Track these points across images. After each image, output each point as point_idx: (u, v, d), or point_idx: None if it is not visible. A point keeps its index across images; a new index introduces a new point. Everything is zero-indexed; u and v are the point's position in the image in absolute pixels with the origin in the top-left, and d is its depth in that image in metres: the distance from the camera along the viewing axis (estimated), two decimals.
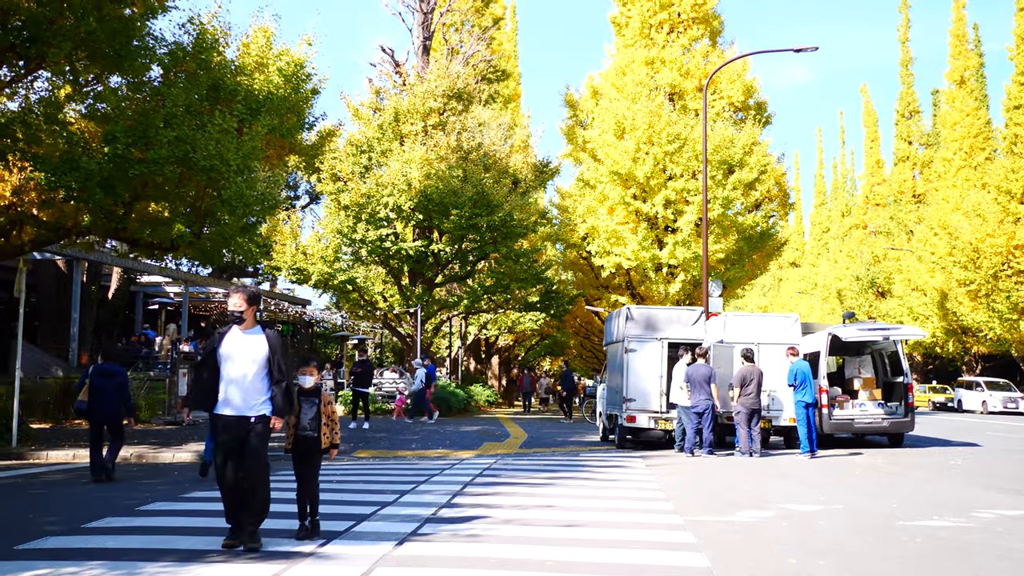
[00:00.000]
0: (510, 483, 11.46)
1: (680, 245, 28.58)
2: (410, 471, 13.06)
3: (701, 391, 16.09)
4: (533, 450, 17.43)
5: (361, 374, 22.75)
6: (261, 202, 14.80)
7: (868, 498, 10.44)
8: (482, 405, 36.14)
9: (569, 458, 15.58)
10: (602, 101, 31.48)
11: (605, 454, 16.57)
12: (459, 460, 15.20)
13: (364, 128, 31.10)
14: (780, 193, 32.67)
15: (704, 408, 16.04)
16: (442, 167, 29.18)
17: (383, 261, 30.73)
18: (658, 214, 28.88)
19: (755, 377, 16.20)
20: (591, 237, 30.77)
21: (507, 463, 14.41)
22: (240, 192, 14.46)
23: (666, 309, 18.67)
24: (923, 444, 19.24)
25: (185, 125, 14.15)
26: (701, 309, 18.45)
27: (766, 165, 29.84)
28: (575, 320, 52.29)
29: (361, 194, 28.51)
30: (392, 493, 10.30)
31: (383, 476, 12.42)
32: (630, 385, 17.50)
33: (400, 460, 15.34)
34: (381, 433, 20.58)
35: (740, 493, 10.77)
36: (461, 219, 28.41)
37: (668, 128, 28.63)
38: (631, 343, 17.65)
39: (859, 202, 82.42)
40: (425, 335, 33.83)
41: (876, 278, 66.40)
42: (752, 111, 31.58)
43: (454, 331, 40.31)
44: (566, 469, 13.42)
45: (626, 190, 29.15)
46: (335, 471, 13.20)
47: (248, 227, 15.71)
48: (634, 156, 28.59)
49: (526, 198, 31.70)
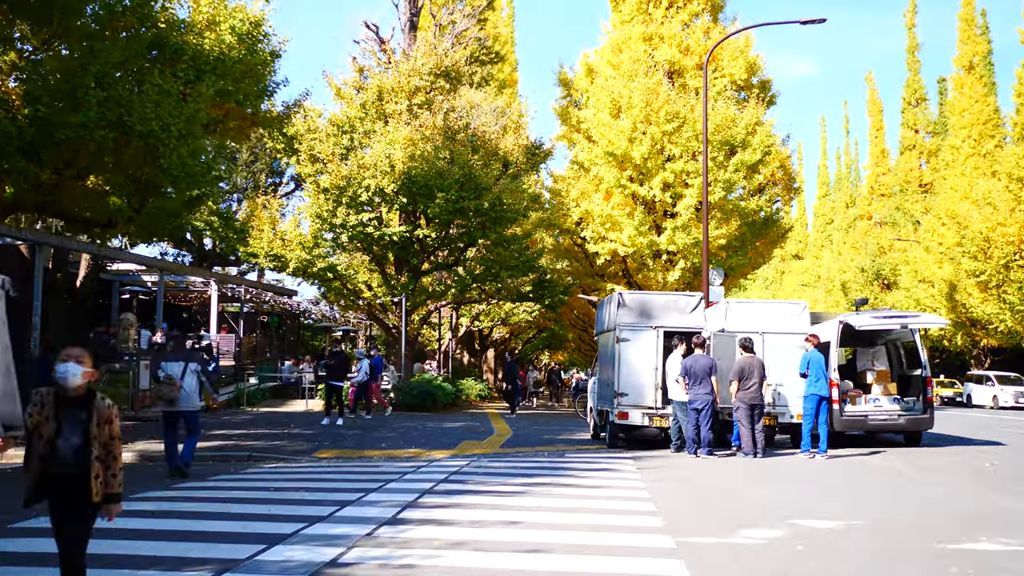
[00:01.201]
0: (476, 491, 9.88)
1: (679, 230, 26.96)
2: (368, 475, 11.49)
3: (701, 385, 14.50)
4: (515, 449, 15.86)
5: (334, 366, 21.16)
6: (207, 172, 13.18)
7: (895, 510, 8.86)
8: (473, 400, 34.57)
9: (552, 459, 14.01)
10: (597, 79, 29.84)
11: (593, 454, 14.99)
12: (429, 461, 13.64)
13: (347, 108, 29.46)
14: (785, 177, 31.02)
15: (704, 404, 14.44)
16: (427, 148, 27.54)
17: (366, 248, 29.12)
18: (656, 197, 27.25)
19: (755, 369, 14.60)
20: (585, 222, 29.13)
21: (481, 465, 12.84)
22: (182, 162, 12.85)
23: (662, 295, 17.07)
24: (941, 442, 17.64)
25: (120, 85, 12.57)
26: (700, 295, 16.85)
27: (770, 146, 28.19)
28: (572, 312, 50.60)
29: (341, 176, 26.89)
30: (331, 505, 8.72)
31: (333, 482, 10.85)
32: (622, 378, 15.90)
33: (364, 461, 13.78)
34: (354, 430, 19.02)
35: (743, 504, 9.19)
36: (447, 203, 26.79)
37: (667, 106, 26.99)
38: (623, 332, 16.05)
39: (863, 193, 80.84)
40: (412, 326, 32.23)
41: (882, 269, 64.85)
42: (756, 90, 29.92)
43: (444, 322, 38.73)
44: (546, 473, 11.83)
45: (622, 172, 27.52)
46: (282, 475, 11.63)
47: (194, 201, 14.13)
48: (630, 136, 26.96)
49: (517, 182, 30.05)
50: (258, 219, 28.84)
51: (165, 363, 12.12)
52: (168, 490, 10.16)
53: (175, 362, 12.25)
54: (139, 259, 31.93)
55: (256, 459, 14.02)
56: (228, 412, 24.40)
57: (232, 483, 10.79)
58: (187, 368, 12.22)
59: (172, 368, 12.18)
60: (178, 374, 12.19)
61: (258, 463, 13.63)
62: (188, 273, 33.89)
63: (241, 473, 12.06)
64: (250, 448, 15.03)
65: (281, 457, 14.15)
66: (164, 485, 10.69)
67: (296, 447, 15.50)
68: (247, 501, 9.00)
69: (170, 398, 12.09)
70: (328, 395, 21.39)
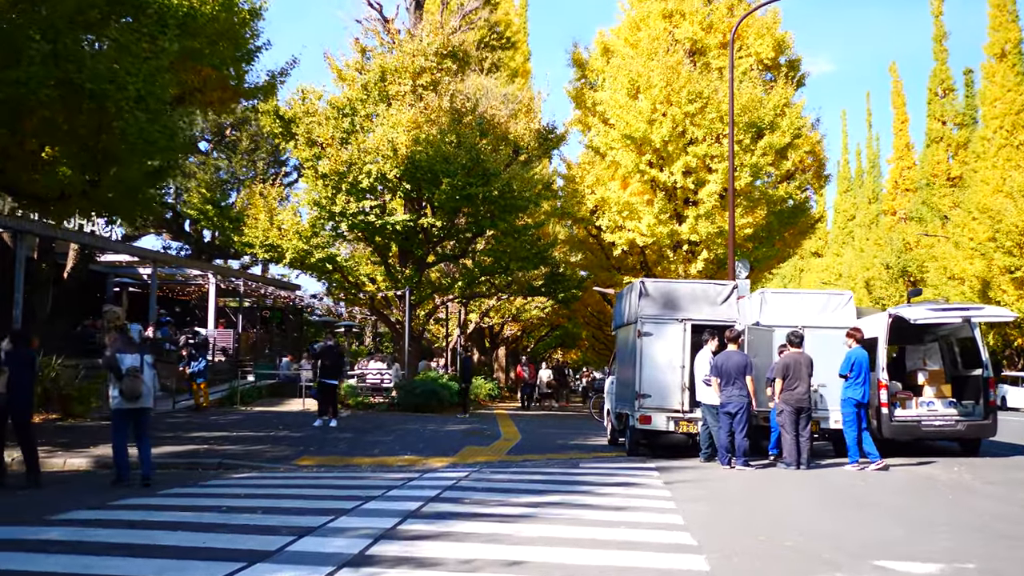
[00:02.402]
0: (473, 514, 8.11)
1: (702, 219, 25.06)
2: (348, 489, 9.74)
3: (733, 386, 12.67)
4: (523, 457, 14.08)
5: (328, 363, 19.43)
6: (170, 139, 11.44)
7: (999, 546, 7.02)
8: (482, 399, 32.87)
9: (565, 471, 12.21)
10: (614, 59, 27.97)
11: (612, 464, 13.19)
12: (424, 471, 11.88)
13: (348, 90, 27.72)
14: (815, 163, 29.10)
15: (738, 407, 12.62)
16: (433, 131, 25.77)
17: (367, 238, 27.38)
18: (677, 183, 25.35)
19: (803, 367, 12.78)
20: (601, 210, 27.25)
21: (483, 478, 11.06)
22: (140, 127, 11.13)
23: (689, 283, 15.23)
24: (999, 451, 15.72)
25: (69, 38, 10.83)
26: (732, 283, 15.01)
27: (800, 128, 26.25)
28: (586, 308, 48.72)
29: (341, 161, 25.16)
30: (286, 534, 6.95)
31: (303, 498, 9.09)
32: (644, 378, 14.10)
33: (349, 471, 12.03)
34: (347, 433, 17.27)
35: (808, 536, 7.36)
36: (454, 189, 25.01)
37: (688, 86, 25.11)
38: (646, 325, 14.24)
39: (887, 188, 78.68)
40: (417, 321, 30.51)
41: (908, 266, 62.78)
42: (784, 69, 28.01)
43: (451, 317, 36.98)
44: (557, 489, 10.04)
45: (640, 157, 25.64)
46: (247, 489, 9.89)
47: (157, 173, 12.41)
48: (650, 117, 25.09)
49: (528, 168, 28.25)
50: (255, 207, 27.14)
51: (121, 355, 10.45)
52: (98, 509, 8.43)
53: (131, 354, 10.60)
54: (131, 250, 30.36)
55: (227, 467, 12.29)
56: (218, 412, 22.74)
57: (181, 499, 9.05)
58: (143, 361, 10.56)
59: (130, 360, 10.53)
60: (137, 367, 10.58)
61: (227, 472, 11.91)
62: (183, 265, 32.30)
63: (200, 485, 10.33)
64: (224, 454, 13.31)
65: (255, 465, 12.42)
66: (103, 499, 8.97)
67: (277, 452, 13.78)
68: (183, 527, 7.27)
69: (137, 393, 10.47)
70: (321, 394, 19.69)
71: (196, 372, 22.92)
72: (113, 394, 10.41)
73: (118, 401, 10.44)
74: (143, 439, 10.64)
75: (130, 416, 10.50)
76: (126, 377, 10.38)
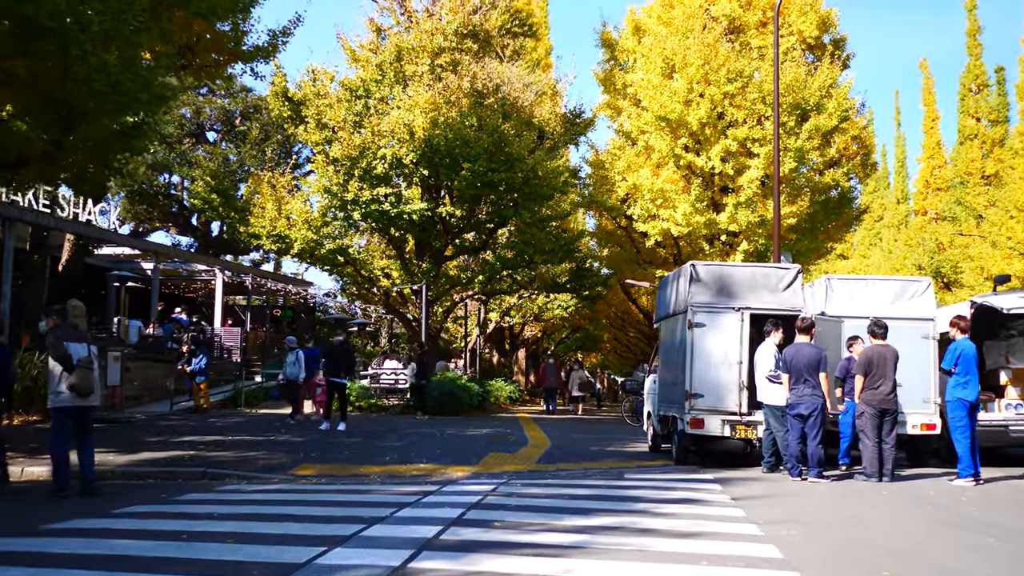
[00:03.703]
0: (507, 543, 6.27)
1: (742, 207, 23.10)
2: (350, 507, 7.92)
3: (805, 384, 10.77)
4: (555, 466, 12.22)
5: (337, 360, 17.63)
6: (144, 89, 9.67)
7: None
8: (502, 402, 31.00)
9: (609, 483, 10.34)
10: (645, 39, 26.09)
11: (662, 475, 11.30)
12: (444, 483, 10.06)
13: (362, 71, 25.99)
14: (862, 150, 27.13)
15: (811, 408, 10.72)
16: (452, 114, 23.99)
17: (382, 228, 25.63)
18: (715, 169, 23.41)
19: (888, 361, 10.88)
20: (632, 198, 25.33)
21: (513, 492, 9.22)
22: (108, 72, 9.38)
23: (747, 267, 13.32)
24: None
25: None
26: (796, 267, 13.09)
27: (847, 111, 24.29)
28: (610, 309, 46.77)
29: (354, 146, 23.44)
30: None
31: (292, 520, 7.25)
32: (696, 375, 12.20)
33: (354, 483, 10.22)
34: (357, 437, 15.46)
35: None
36: (474, 176, 23.23)
37: (728, 64, 23.21)
38: (698, 315, 12.35)
39: (916, 187, 76.47)
40: (434, 319, 28.72)
41: (941, 267, 60.52)
42: (829, 48, 26.05)
43: (471, 315, 35.15)
44: (607, 507, 8.18)
45: (676, 140, 23.73)
46: (227, 505, 8.10)
47: (132, 131, 10.63)
48: (686, 98, 23.19)
49: (554, 154, 26.43)
50: (262, 196, 25.44)
51: (69, 343, 8.73)
52: (27, 537, 6.65)
53: (79, 342, 8.89)
54: (130, 242, 28.79)
55: (212, 477, 10.51)
56: (219, 414, 21.05)
57: (135, 522, 7.23)
58: (91, 351, 8.85)
59: (78, 350, 8.82)
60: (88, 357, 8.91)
61: (212, 483, 10.12)
62: (188, 259, 30.69)
63: (170, 500, 8.53)
64: (212, 461, 11.53)
65: (246, 475, 10.62)
66: (38, 521, 7.19)
67: (273, 460, 11.98)
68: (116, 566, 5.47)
69: (90, 388, 8.80)
70: (328, 395, 17.92)
71: (196, 370, 21.23)
72: (59, 389, 8.69)
73: (64, 398, 8.73)
74: (87, 440, 8.96)
75: (76, 415, 8.80)
76: (78, 369, 8.66)
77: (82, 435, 9.06)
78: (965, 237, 56.78)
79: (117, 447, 12.69)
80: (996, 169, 59.65)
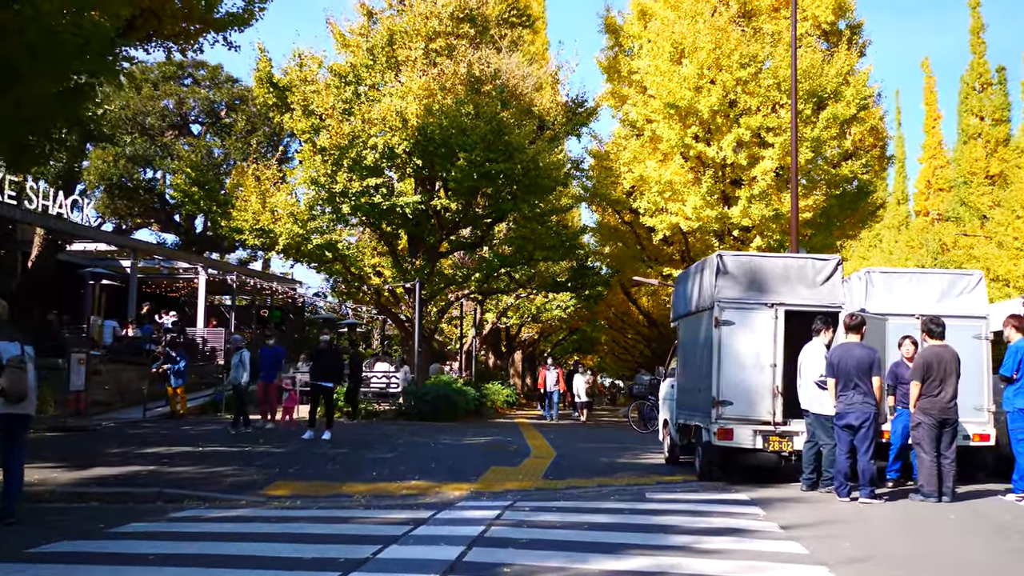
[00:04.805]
0: None
1: (756, 200, 21.71)
2: (322, 543, 6.47)
3: (855, 390, 9.36)
4: (566, 483, 10.78)
5: (323, 363, 16.16)
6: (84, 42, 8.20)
7: None
8: (499, 407, 29.60)
9: (631, 505, 8.89)
10: (652, 24, 24.72)
11: (689, 495, 9.86)
12: (438, 506, 8.62)
13: (352, 57, 24.52)
14: (879, 142, 25.81)
15: (862, 418, 9.30)
16: (448, 100, 22.56)
17: (373, 223, 24.16)
18: (727, 160, 21.99)
19: (949, 365, 9.48)
20: (639, 191, 23.89)
21: (522, 519, 7.77)
22: (41, 23, 7.91)
23: (780, 258, 11.87)
24: None
25: None
26: (836, 257, 11.67)
27: (866, 99, 22.95)
28: (609, 310, 45.37)
29: (343, 134, 21.99)
30: None
31: (247, 563, 5.79)
32: (725, 380, 10.77)
33: (335, 506, 8.78)
34: (342, 448, 13.97)
35: None
36: (471, 166, 21.78)
37: (741, 48, 21.84)
38: (726, 312, 10.92)
39: (917, 188, 75.41)
40: (428, 319, 27.26)
41: (945, 268, 59.49)
42: (846, 34, 24.71)
43: (466, 315, 33.69)
44: (636, 541, 6.73)
45: (685, 129, 22.33)
46: (171, 542, 6.64)
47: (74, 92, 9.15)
48: (696, 84, 21.78)
49: (555, 145, 25.01)
50: (246, 189, 23.96)
51: None
52: None
53: (10, 342, 7.43)
54: (106, 237, 27.32)
55: (168, 499, 9.04)
56: (196, 421, 19.55)
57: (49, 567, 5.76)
58: (25, 353, 7.39)
59: (9, 349, 7.38)
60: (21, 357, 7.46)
61: (167, 506, 8.67)
62: (169, 256, 29.16)
63: (105, 535, 7.03)
64: (171, 479, 10.05)
65: (208, 496, 9.16)
66: None
67: (244, 476, 10.51)
68: None
69: (22, 392, 7.35)
70: (313, 400, 16.44)
71: (176, 372, 19.67)
72: None
73: None
74: (17, 455, 7.51)
75: (4, 425, 7.35)
76: (7, 369, 7.21)
77: (11, 449, 7.62)
78: (970, 238, 55.72)
79: (69, 461, 11.23)
80: (1001, 169, 58.60)
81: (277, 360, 18.01)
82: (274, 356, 17.97)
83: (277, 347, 18.52)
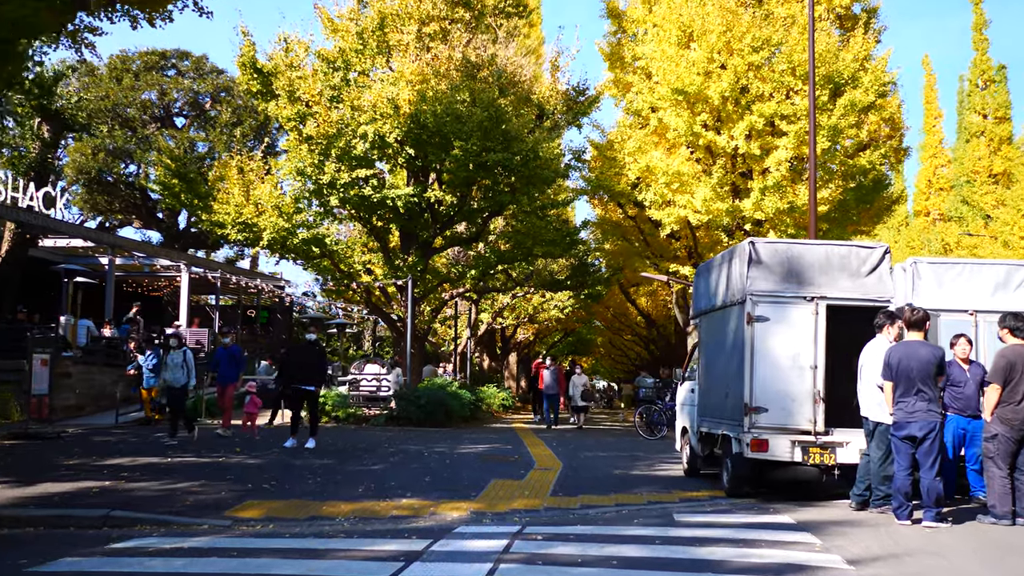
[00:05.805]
0: None
1: (770, 192, 20.45)
2: None
3: (918, 396, 8.08)
4: (578, 501, 9.45)
5: (306, 364, 14.79)
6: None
7: None
8: (495, 410, 28.28)
9: (662, 532, 7.57)
10: (657, 7, 23.45)
11: (724, 517, 8.56)
12: (434, 534, 7.29)
13: (341, 42, 23.19)
14: (896, 133, 24.59)
15: (926, 428, 8.01)
16: (442, 87, 21.27)
17: (363, 217, 22.84)
18: (739, 149, 20.71)
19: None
20: (645, 182, 22.59)
21: (537, 553, 6.45)
22: None
23: (819, 245, 10.55)
24: None
25: None
26: (883, 245, 10.38)
27: (885, 86, 21.73)
28: (607, 311, 44.06)
29: (331, 122, 20.67)
30: None
31: None
32: (759, 384, 9.48)
33: (314, 530, 7.46)
34: (327, 459, 12.65)
35: None
36: (467, 155, 20.48)
37: (753, 31, 20.59)
38: (760, 306, 9.64)
39: (917, 187, 74.42)
40: (421, 319, 25.94)
41: None
42: (863, 18, 23.51)
43: (461, 315, 32.37)
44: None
45: (694, 117, 21.05)
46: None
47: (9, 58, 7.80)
48: (706, 69, 20.53)
49: (555, 135, 23.73)
50: (229, 181, 22.63)
51: None
52: None
53: None
54: (81, 232, 25.85)
55: (115, 524, 7.69)
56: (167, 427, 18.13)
57: None
58: None
59: None
60: None
61: (113, 532, 7.33)
62: (149, 253, 27.70)
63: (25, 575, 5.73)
64: (124, 498, 8.69)
65: (163, 520, 7.81)
66: None
67: (211, 494, 9.16)
68: None
69: None
70: (296, 406, 15.06)
71: (149, 370, 18.13)
72: None
73: None
74: None
75: None
76: None
77: None
78: (974, 237, 54.65)
79: (15, 474, 9.89)
80: (1004, 167, 57.61)
81: (236, 360, 16.58)
82: (231, 356, 16.50)
83: (234, 346, 17.11)
